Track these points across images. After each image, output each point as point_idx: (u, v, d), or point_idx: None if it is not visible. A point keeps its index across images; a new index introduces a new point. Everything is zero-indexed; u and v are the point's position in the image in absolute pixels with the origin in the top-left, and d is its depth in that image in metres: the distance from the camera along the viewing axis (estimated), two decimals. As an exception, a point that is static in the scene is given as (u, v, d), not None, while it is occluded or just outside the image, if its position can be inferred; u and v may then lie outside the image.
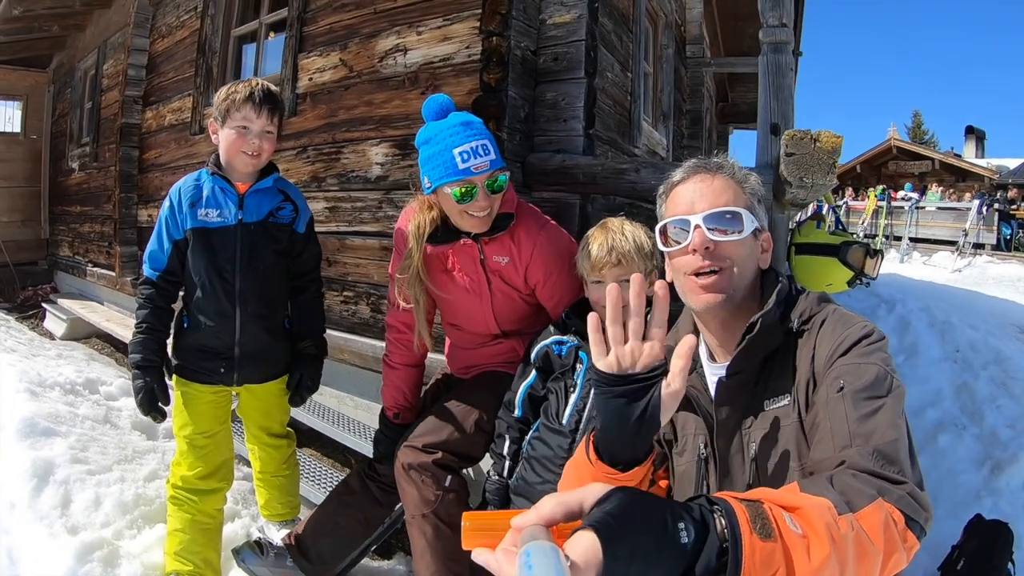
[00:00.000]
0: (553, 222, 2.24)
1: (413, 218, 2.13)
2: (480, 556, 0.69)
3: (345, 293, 3.79)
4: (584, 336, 1.86)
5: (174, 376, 2.35)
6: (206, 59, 5.23)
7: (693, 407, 1.35)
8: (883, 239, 17.24)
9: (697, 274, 1.27)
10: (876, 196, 18.91)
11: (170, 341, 2.39)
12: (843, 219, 19.03)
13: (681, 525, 0.68)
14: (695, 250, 1.26)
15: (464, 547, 0.72)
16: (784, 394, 1.22)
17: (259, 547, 2.35)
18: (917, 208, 18.04)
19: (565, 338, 1.95)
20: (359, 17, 3.68)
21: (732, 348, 1.27)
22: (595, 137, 3.40)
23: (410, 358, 2.36)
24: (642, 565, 0.64)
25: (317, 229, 3.66)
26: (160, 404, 2.23)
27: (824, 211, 3.05)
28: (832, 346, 1.17)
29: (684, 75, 6.86)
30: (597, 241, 1.87)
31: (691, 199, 1.30)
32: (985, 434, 3.65)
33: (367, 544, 2.47)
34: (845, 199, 20.94)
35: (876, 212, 18.42)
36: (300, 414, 3.48)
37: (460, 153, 1.94)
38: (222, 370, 2.33)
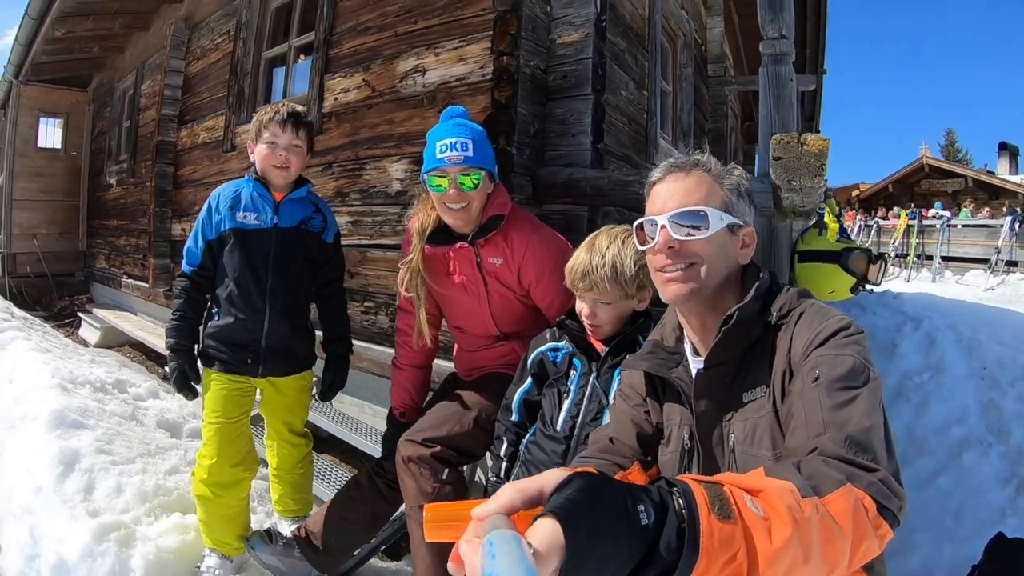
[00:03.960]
0: (549, 228, 2.33)
1: (418, 216, 2.28)
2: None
3: (365, 303, 3.91)
4: (578, 343, 1.93)
5: (202, 367, 2.52)
6: (238, 80, 5.42)
7: (679, 398, 1.39)
8: (914, 258, 16.94)
9: (663, 269, 1.32)
10: (907, 215, 18.62)
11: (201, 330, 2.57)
12: (875, 238, 18.78)
13: (641, 507, 0.68)
14: (660, 249, 1.31)
15: (427, 539, 0.73)
16: (761, 385, 1.24)
17: (269, 536, 2.46)
18: (948, 226, 17.70)
19: (560, 344, 1.99)
20: (381, 40, 3.83)
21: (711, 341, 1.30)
22: (608, 153, 3.49)
23: (416, 360, 2.49)
24: (604, 548, 0.64)
25: (341, 242, 3.84)
26: (192, 383, 2.44)
27: (825, 217, 3.02)
28: (808, 337, 1.19)
29: (705, 94, 6.85)
30: (578, 258, 1.87)
31: (664, 198, 1.33)
32: (1011, 452, 3.57)
33: (376, 544, 2.55)
34: (876, 218, 20.66)
35: (907, 231, 18.12)
36: (321, 420, 3.59)
37: (440, 145, 2.10)
38: (248, 361, 2.47)
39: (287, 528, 2.69)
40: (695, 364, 1.38)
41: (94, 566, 2.35)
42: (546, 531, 0.62)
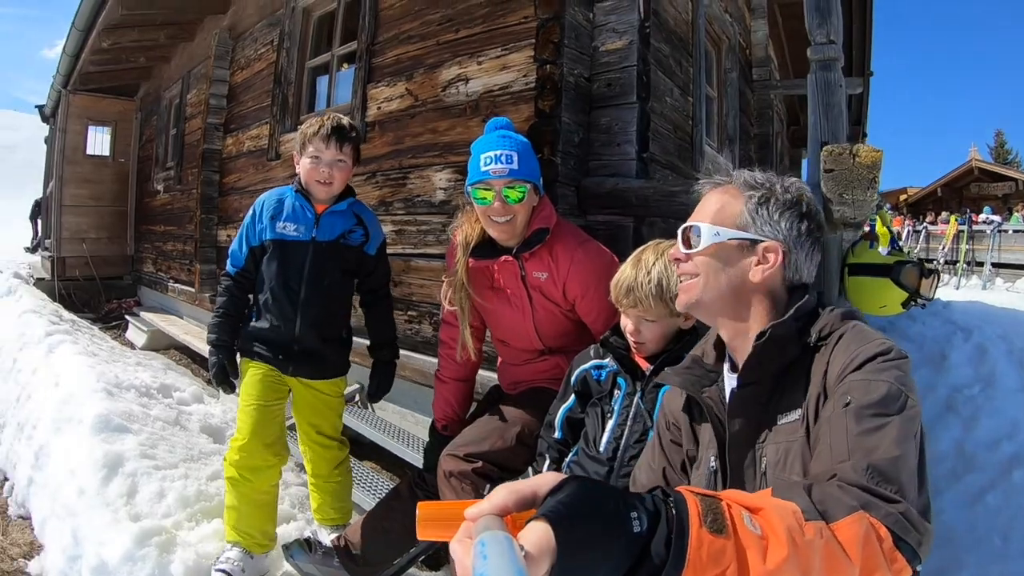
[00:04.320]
0: (595, 241, 2.29)
1: (462, 229, 2.27)
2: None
3: (409, 313, 3.92)
4: (622, 361, 1.89)
5: (240, 359, 2.59)
6: (282, 89, 5.50)
7: (709, 418, 1.36)
8: (964, 265, 16.49)
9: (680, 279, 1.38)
10: (956, 220, 18.14)
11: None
12: (923, 244, 18.34)
13: (634, 514, 0.68)
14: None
15: (419, 537, 0.74)
16: (796, 408, 1.20)
17: (308, 545, 2.46)
18: (999, 231, 17.18)
19: (604, 362, 1.94)
20: (423, 49, 3.85)
21: None
22: (653, 161, 3.43)
23: (459, 373, 2.48)
24: (595, 553, 0.64)
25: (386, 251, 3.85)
26: (230, 377, 2.52)
27: (877, 227, 2.92)
28: (845, 361, 1.14)
29: (751, 98, 6.74)
30: (624, 273, 1.84)
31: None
32: (1064, 471, 3.48)
33: (415, 555, 2.54)
34: (925, 224, 20.19)
35: (957, 236, 17.65)
36: (363, 428, 3.61)
37: (484, 158, 2.08)
38: (281, 358, 2.53)
39: (327, 537, 2.70)
40: (731, 382, 1.36)
41: (134, 570, 2.39)
42: (538, 534, 0.62)
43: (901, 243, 17.66)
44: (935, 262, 16.95)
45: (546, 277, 2.19)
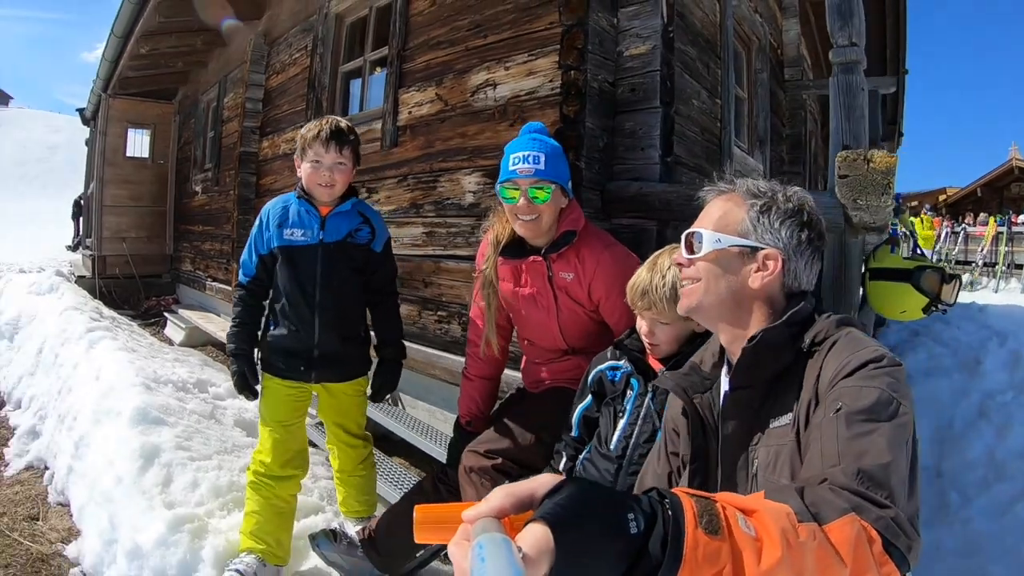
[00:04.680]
0: (621, 245, 2.33)
1: (493, 228, 2.35)
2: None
3: (439, 313, 3.98)
4: (636, 363, 1.93)
5: (261, 372, 2.64)
6: (316, 93, 5.61)
7: (691, 423, 1.39)
8: (1003, 268, 16.10)
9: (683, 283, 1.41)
10: (996, 221, 17.72)
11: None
12: (962, 246, 17.94)
13: (631, 516, 0.68)
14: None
15: (416, 540, 0.73)
16: (787, 412, 1.22)
17: (334, 535, 2.56)
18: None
19: (619, 363, 1.98)
20: (453, 54, 3.91)
21: None
22: (680, 164, 3.47)
23: (485, 371, 2.55)
24: (592, 555, 0.64)
25: (415, 252, 3.94)
26: (251, 385, 2.58)
27: (900, 235, 2.89)
28: (836, 368, 1.15)
29: (782, 99, 6.67)
30: (639, 277, 1.88)
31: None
32: (1097, 482, 3.43)
33: (437, 548, 2.60)
34: (963, 225, 19.77)
35: (996, 238, 17.24)
36: (392, 424, 3.70)
37: (514, 158, 2.15)
38: (302, 368, 2.58)
39: (352, 528, 2.77)
40: (727, 385, 1.38)
41: (167, 554, 2.50)
42: (536, 536, 0.62)
43: (939, 245, 17.26)
44: (973, 264, 16.60)
45: (572, 278, 2.24)
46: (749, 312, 1.33)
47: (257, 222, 2.64)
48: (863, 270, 2.85)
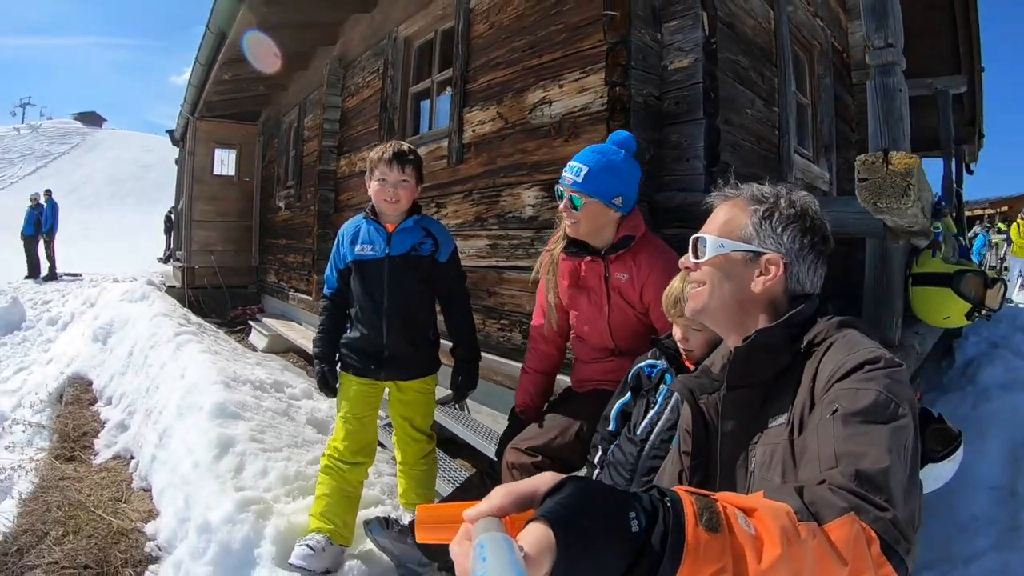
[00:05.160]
0: (675, 254, 2.40)
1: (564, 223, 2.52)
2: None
3: (501, 321, 4.16)
4: (671, 360, 2.04)
5: (340, 371, 2.92)
6: (388, 114, 5.89)
7: (693, 421, 1.42)
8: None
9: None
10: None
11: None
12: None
13: (632, 514, 0.68)
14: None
15: (418, 540, 0.74)
16: (784, 413, 1.22)
17: (386, 522, 2.75)
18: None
19: (657, 362, 2.11)
20: (511, 74, 4.09)
21: None
22: (734, 174, 3.51)
23: (542, 365, 2.74)
24: (594, 554, 0.65)
25: (480, 264, 4.17)
26: (331, 384, 2.87)
27: (941, 238, 2.77)
28: (832, 369, 1.15)
29: (850, 103, 6.47)
30: (673, 286, 1.97)
31: None
32: None
33: None
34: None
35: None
36: (457, 428, 3.87)
37: (569, 164, 2.36)
38: (373, 367, 2.84)
39: (406, 519, 2.97)
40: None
41: (233, 531, 2.74)
42: (537, 535, 0.62)
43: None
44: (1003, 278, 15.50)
45: (626, 279, 2.40)
46: (753, 315, 1.36)
47: (335, 241, 2.93)
48: (906, 275, 2.81)
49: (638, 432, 2.05)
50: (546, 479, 0.71)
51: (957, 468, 1.45)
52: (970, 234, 13.45)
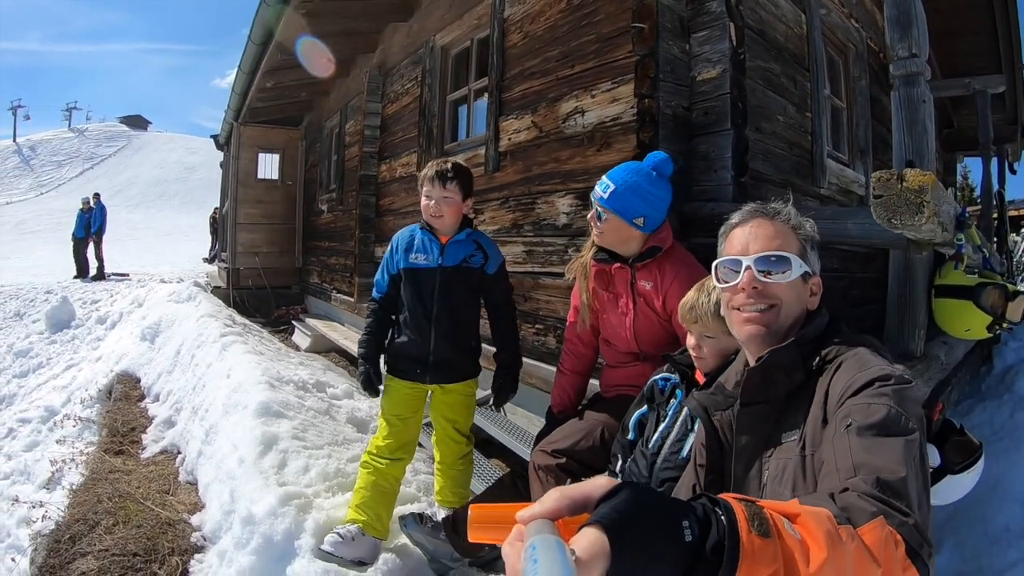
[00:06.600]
0: (701, 267, 2.51)
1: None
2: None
3: (536, 326, 4.24)
4: (683, 375, 2.12)
5: (385, 372, 3.04)
6: (426, 121, 6.03)
7: (707, 438, 1.46)
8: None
9: (741, 308, 1.41)
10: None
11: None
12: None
13: (686, 523, 0.69)
14: (743, 288, 1.39)
15: (470, 539, 0.74)
16: (797, 429, 1.26)
17: (421, 518, 2.86)
18: None
19: (670, 376, 2.18)
20: (545, 83, 4.18)
21: None
22: (766, 181, 3.53)
23: (577, 366, 2.86)
24: (647, 562, 0.64)
25: (516, 269, 4.21)
26: (375, 385, 2.98)
27: (964, 249, 2.71)
28: (844, 386, 1.18)
29: (887, 105, 6.45)
30: (689, 295, 2.01)
31: (745, 241, 1.42)
32: None
33: None
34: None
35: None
36: (493, 430, 3.95)
37: (599, 181, 2.51)
38: (418, 371, 2.96)
39: (440, 515, 3.08)
40: None
41: (275, 523, 2.87)
42: (591, 540, 0.62)
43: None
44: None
45: (651, 286, 2.50)
46: (793, 331, 1.40)
47: (389, 248, 3.06)
48: (929, 287, 2.80)
49: (650, 446, 2.12)
50: (600, 483, 0.71)
51: (978, 480, 1.50)
52: (1018, 237, 12.98)
